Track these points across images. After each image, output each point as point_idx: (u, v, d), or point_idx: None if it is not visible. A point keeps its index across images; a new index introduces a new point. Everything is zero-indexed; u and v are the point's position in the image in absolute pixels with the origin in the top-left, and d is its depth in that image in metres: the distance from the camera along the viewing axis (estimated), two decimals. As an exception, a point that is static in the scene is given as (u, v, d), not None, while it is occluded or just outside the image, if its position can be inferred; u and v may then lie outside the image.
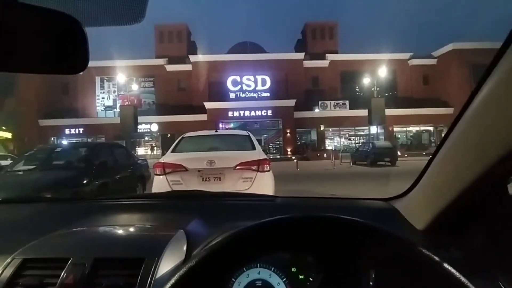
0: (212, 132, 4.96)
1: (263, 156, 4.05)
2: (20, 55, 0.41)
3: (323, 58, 30.75)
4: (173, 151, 4.27)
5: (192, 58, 29.62)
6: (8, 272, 0.68)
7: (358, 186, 8.64)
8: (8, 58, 0.41)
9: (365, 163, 16.53)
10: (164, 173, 3.82)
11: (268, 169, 3.89)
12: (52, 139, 26.91)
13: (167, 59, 30.01)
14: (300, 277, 0.66)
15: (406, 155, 22.39)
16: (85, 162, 5.01)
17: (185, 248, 0.78)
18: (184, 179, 3.79)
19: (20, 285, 0.66)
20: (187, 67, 29.60)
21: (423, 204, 0.82)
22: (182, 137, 4.61)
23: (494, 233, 0.68)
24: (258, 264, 0.67)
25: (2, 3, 0.39)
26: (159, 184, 3.81)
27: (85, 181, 4.56)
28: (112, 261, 0.70)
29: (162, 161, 3.96)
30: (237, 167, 3.78)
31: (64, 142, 21.55)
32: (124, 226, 0.97)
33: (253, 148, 4.25)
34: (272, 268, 0.67)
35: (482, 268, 0.64)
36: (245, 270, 0.66)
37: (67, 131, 27.51)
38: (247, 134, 4.71)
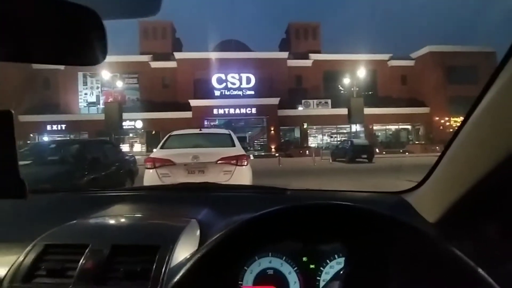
0: (197, 131, 5.46)
1: (241, 152, 4.59)
2: (40, 46, 0.43)
3: (306, 57, 31.45)
4: (161, 147, 4.76)
5: (177, 55, 29.68)
6: (31, 257, 0.71)
7: (331, 180, 9.34)
8: (29, 50, 0.43)
9: (344, 159, 17.31)
10: (154, 167, 4.30)
11: (245, 164, 4.42)
12: (32, 135, 26.46)
13: (151, 55, 29.95)
14: (311, 266, 0.67)
15: (384, 152, 23.45)
16: (79, 157, 5.39)
17: (198, 237, 0.81)
18: (172, 172, 4.28)
19: (42, 269, 0.69)
20: (172, 64, 29.65)
21: (435, 197, 0.82)
22: (170, 135, 5.10)
23: (507, 226, 0.68)
24: (270, 253, 0.68)
25: None
26: (150, 176, 4.30)
27: (79, 175, 4.96)
28: (129, 247, 0.73)
29: (152, 156, 4.45)
30: (218, 162, 4.30)
31: (56, 139, 21.30)
32: (139, 215, 1.01)
33: (233, 145, 4.77)
34: (284, 257, 0.68)
35: (495, 261, 0.63)
36: (256, 259, 0.67)
37: (48, 127, 27.11)
38: (228, 132, 5.23)
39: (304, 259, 0.68)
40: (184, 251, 0.73)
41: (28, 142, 20.78)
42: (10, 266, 0.70)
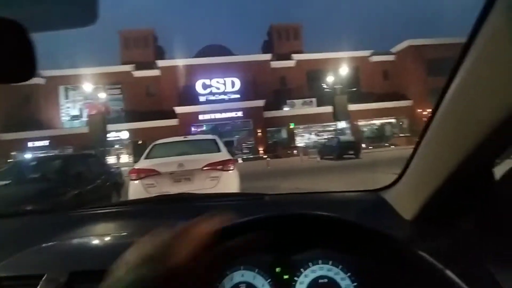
0: (181, 138, 5.41)
1: (227, 157, 4.57)
2: None
3: (289, 58, 31.74)
4: (146, 157, 4.69)
5: (160, 63, 29.52)
6: None
7: (319, 178, 9.41)
8: None
9: (332, 157, 17.49)
10: (139, 178, 4.24)
11: (232, 168, 4.40)
12: (14, 153, 25.60)
13: (134, 65, 29.66)
14: (285, 277, 0.65)
15: (370, 147, 23.82)
16: (61, 173, 5.24)
17: None
18: (158, 182, 4.23)
19: None
20: (155, 72, 29.45)
21: (410, 193, 0.82)
22: (154, 144, 5.04)
23: (482, 220, 0.68)
24: (242, 267, 0.66)
25: None
26: (135, 188, 4.23)
27: (62, 192, 4.81)
28: (88, 273, 0.68)
29: (136, 167, 4.38)
30: (204, 168, 4.27)
31: (38, 155, 20.74)
32: (102, 236, 0.94)
33: (219, 150, 4.75)
34: (256, 270, 0.66)
35: (472, 256, 0.64)
36: (228, 273, 0.64)
37: (31, 144, 26.29)
38: (213, 138, 5.21)
39: (278, 270, 0.66)
40: None
41: (9, 161, 20.15)
42: None
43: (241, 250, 0.50)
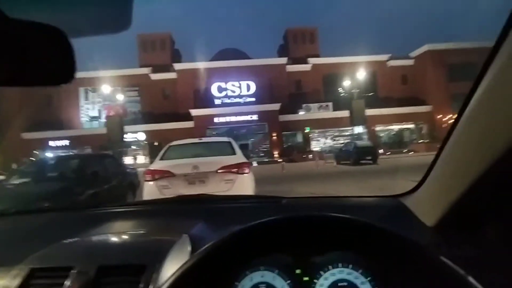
0: (196, 140, 5.37)
1: (243, 160, 4.48)
2: (9, 69, 0.42)
3: (305, 62, 31.58)
4: (161, 158, 4.65)
5: (177, 66, 29.94)
6: (15, 282, 0.70)
7: (336, 183, 9.20)
8: None
9: (349, 162, 17.17)
10: (154, 179, 4.21)
11: (247, 172, 4.31)
12: (36, 152, 26.53)
13: (151, 68, 30.21)
14: (305, 279, 0.65)
15: (388, 153, 23.27)
16: (79, 173, 5.31)
17: (189, 252, 0.78)
18: (172, 183, 4.18)
19: None
20: (172, 75, 29.90)
21: (433, 199, 0.80)
22: (169, 146, 5.01)
23: (508, 228, 0.66)
24: (261, 267, 0.66)
25: None
26: (149, 189, 4.20)
27: (80, 190, 4.88)
28: (115, 268, 0.71)
29: (151, 168, 4.35)
30: (219, 171, 4.19)
31: (57, 154, 21.40)
32: (127, 232, 0.98)
33: (234, 153, 4.67)
34: (276, 271, 0.66)
35: (496, 264, 0.62)
36: (248, 273, 0.65)
37: (52, 143, 27.23)
38: (228, 140, 5.13)
39: (298, 271, 0.65)
40: (173, 269, 0.67)
41: (32, 159, 20.82)
42: None
43: (258, 251, 0.51)
